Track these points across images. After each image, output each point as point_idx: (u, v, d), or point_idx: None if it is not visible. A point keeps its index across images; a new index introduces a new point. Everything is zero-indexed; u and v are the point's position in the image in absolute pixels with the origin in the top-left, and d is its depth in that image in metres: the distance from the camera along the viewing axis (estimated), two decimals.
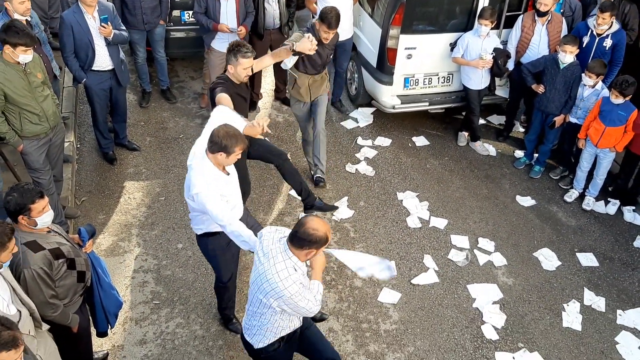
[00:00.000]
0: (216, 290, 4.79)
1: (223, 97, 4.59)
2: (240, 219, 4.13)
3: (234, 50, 4.63)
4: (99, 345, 4.62)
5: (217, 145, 3.79)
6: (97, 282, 3.98)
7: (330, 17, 5.42)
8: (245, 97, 5.03)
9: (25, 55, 4.64)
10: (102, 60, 5.84)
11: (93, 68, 5.83)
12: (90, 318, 4.15)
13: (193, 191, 3.89)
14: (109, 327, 4.24)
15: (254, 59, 4.82)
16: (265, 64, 5.30)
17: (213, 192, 3.86)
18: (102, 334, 4.26)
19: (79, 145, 6.79)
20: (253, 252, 3.75)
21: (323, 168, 6.35)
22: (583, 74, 6.03)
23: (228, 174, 4.07)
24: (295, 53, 5.19)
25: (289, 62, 5.41)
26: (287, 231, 3.44)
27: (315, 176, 6.35)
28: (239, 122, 4.32)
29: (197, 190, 3.86)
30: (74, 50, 5.69)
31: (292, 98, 6.10)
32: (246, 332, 3.71)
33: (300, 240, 3.26)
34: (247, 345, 3.76)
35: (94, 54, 5.74)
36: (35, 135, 5.01)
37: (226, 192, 4.03)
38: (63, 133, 5.45)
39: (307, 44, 5.07)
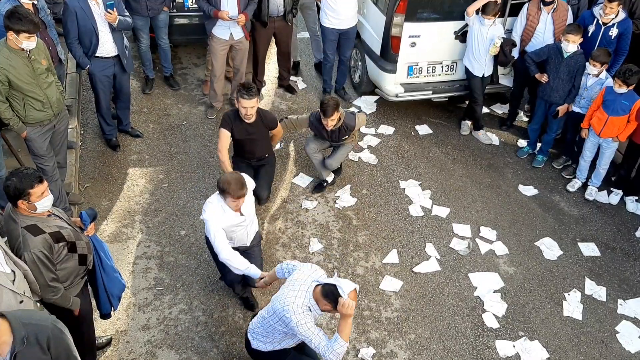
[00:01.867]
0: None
1: (221, 132, 5.33)
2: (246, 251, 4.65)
3: (238, 89, 5.15)
4: (102, 330, 4.67)
5: (218, 185, 4.31)
6: (99, 264, 4.01)
7: (325, 106, 5.52)
8: (254, 135, 5.41)
9: (28, 42, 4.62)
10: (106, 47, 5.82)
11: (97, 54, 5.82)
12: (94, 302, 4.19)
13: (202, 215, 4.41)
14: (112, 309, 4.28)
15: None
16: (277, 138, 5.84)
17: (216, 221, 4.33)
18: (105, 316, 4.31)
19: (82, 132, 6.80)
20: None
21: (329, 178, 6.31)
22: (587, 63, 5.99)
23: (242, 214, 4.47)
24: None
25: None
26: (325, 277, 3.70)
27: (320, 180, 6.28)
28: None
29: (204, 215, 4.37)
30: (78, 36, 5.69)
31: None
32: (250, 332, 3.96)
33: (329, 293, 3.52)
34: (247, 342, 4.00)
35: (98, 41, 5.73)
36: (39, 121, 5.02)
37: (229, 228, 4.43)
38: (67, 120, 5.45)
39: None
